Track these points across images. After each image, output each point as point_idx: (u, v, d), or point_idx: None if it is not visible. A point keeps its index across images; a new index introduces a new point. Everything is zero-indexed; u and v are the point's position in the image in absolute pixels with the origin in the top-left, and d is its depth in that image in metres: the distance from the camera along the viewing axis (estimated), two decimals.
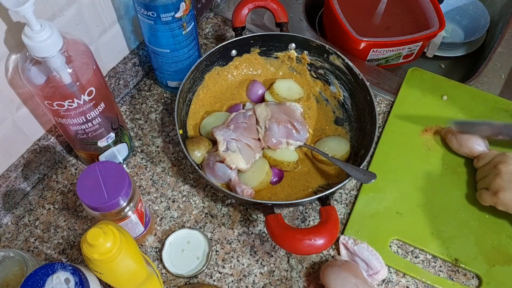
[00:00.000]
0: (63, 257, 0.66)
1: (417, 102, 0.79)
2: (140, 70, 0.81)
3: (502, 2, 1.01)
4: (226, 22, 0.91)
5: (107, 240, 0.44)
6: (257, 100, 0.79)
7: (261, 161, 0.70)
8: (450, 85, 0.81)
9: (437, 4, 0.89)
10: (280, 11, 0.77)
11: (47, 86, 0.53)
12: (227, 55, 0.77)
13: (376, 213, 0.69)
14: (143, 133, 0.77)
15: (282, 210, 0.69)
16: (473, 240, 0.66)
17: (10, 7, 0.46)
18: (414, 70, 0.83)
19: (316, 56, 0.77)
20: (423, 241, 0.66)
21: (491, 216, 0.68)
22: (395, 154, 0.74)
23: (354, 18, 0.88)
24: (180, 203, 0.70)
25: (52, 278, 0.45)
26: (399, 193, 0.70)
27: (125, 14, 0.73)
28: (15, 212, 0.69)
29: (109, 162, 0.53)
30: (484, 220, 0.68)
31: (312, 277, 0.64)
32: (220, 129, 0.69)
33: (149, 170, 0.73)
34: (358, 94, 0.73)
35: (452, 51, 1.01)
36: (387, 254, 0.65)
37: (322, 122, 0.77)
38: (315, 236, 0.55)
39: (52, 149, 0.71)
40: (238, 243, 0.67)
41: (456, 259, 0.65)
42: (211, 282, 0.64)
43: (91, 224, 0.68)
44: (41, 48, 0.49)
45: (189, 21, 0.68)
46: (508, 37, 0.91)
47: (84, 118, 0.58)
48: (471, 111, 0.78)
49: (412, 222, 0.68)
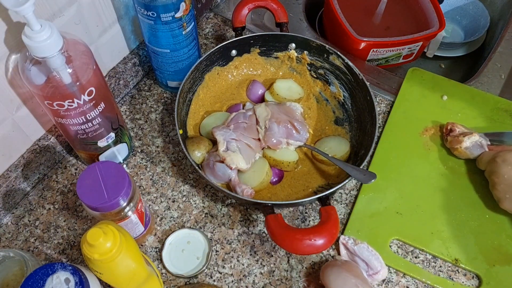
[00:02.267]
0: (63, 257, 0.66)
1: (417, 102, 0.79)
2: (140, 70, 0.81)
3: (502, 2, 1.01)
4: (226, 22, 0.91)
5: (107, 240, 0.44)
6: (257, 100, 0.79)
7: (261, 161, 0.70)
8: (450, 85, 0.81)
9: (437, 4, 0.89)
10: (280, 11, 0.77)
11: (47, 86, 0.53)
12: (227, 55, 0.77)
13: (376, 213, 0.69)
14: (143, 133, 0.77)
15: (282, 210, 0.69)
16: (473, 240, 0.66)
17: (10, 7, 0.46)
18: (414, 70, 0.83)
19: (316, 56, 0.77)
20: (423, 241, 0.66)
21: (491, 216, 0.68)
22: (395, 154, 0.74)
23: (354, 18, 0.88)
24: (180, 203, 0.70)
25: (52, 278, 0.45)
26: (399, 193, 0.70)
27: (125, 14, 0.73)
28: (15, 212, 0.69)
29: (109, 162, 0.53)
30: (484, 220, 0.68)
31: (312, 277, 0.64)
32: (220, 129, 0.69)
33: (149, 170, 0.73)
34: (358, 94, 0.73)
35: (452, 51, 1.01)
36: (387, 254, 0.65)
37: (322, 122, 0.77)
38: (315, 236, 0.55)
39: (52, 149, 0.71)
40: (238, 243, 0.67)
41: (456, 259, 0.65)
42: (211, 282, 0.64)
43: (91, 224, 0.68)
44: (41, 48, 0.49)
45: (189, 21, 0.68)
46: (508, 37, 0.91)
47: (84, 118, 0.58)
48: (471, 111, 0.78)
49: (412, 222, 0.68)
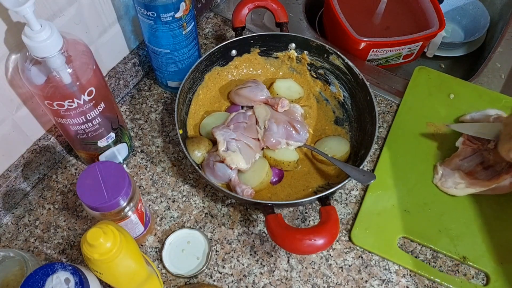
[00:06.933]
0: (63, 257, 0.66)
1: (424, 101, 0.80)
2: (140, 70, 0.81)
3: (502, 2, 1.01)
4: (226, 22, 0.91)
5: (107, 240, 0.44)
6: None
7: (261, 161, 0.70)
8: (457, 83, 0.82)
9: (437, 4, 0.89)
10: (280, 11, 0.77)
11: (47, 86, 0.53)
12: (227, 55, 0.77)
13: (384, 210, 0.69)
14: (143, 133, 0.77)
15: (282, 210, 0.69)
16: (481, 238, 0.66)
17: (10, 7, 0.46)
18: (420, 69, 0.83)
19: (316, 56, 0.77)
20: (431, 239, 0.66)
21: (499, 215, 0.68)
22: (402, 152, 0.74)
23: (354, 18, 0.88)
24: (180, 203, 0.70)
25: (52, 278, 0.45)
26: (407, 191, 0.71)
27: (125, 14, 0.73)
28: (15, 212, 0.69)
29: (109, 162, 0.53)
30: (492, 218, 0.68)
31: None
32: (220, 129, 0.69)
33: (149, 170, 0.73)
34: (358, 94, 0.73)
35: (452, 51, 1.01)
36: (395, 251, 0.65)
37: (322, 122, 0.77)
38: (315, 236, 0.55)
39: (52, 149, 0.71)
40: (238, 243, 0.67)
41: (464, 256, 0.65)
42: (211, 282, 0.64)
43: (91, 224, 0.68)
44: (41, 48, 0.49)
45: (189, 21, 0.68)
46: (508, 37, 0.91)
47: (84, 118, 0.58)
48: (478, 109, 0.78)
49: (420, 219, 0.68)
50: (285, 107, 0.72)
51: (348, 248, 0.66)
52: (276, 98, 0.73)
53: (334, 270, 0.65)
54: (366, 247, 0.66)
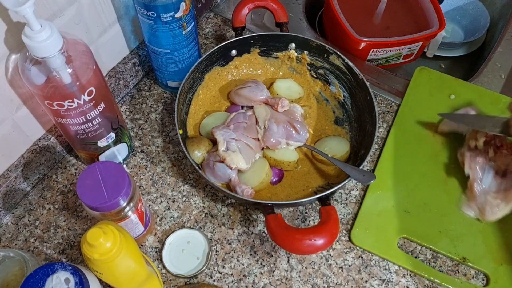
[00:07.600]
0: (63, 257, 0.66)
1: (424, 101, 0.80)
2: (140, 70, 0.81)
3: (502, 2, 1.01)
4: (226, 22, 0.91)
5: (107, 240, 0.44)
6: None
7: (261, 161, 0.70)
8: (457, 84, 0.82)
9: (437, 4, 0.89)
10: (280, 11, 0.77)
11: (47, 86, 0.53)
12: (227, 55, 0.77)
13: (384, 211, 0.69)
14: (143, 133, 0.77)
15: (282, 210, 0.69)
16: (481, 238, 0.66)
17: (10, 7, 0.46)
18: (421, 69, 0.83)
19: (316, 56, 0.77)
20: (431, 240, 0.66)
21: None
22: (403, 153, 0.74)
23: (354, 18, 0.88)
24: (180, 203, 0.70)
25: (52, 278, 0.45)
26: (407, 191, 0.71)
27: (125, 14, 0.73)
28: (15, 212, 0.69)
29: (109, 162, 0.53)
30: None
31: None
32: (220, 129, 0.69)
33: (149, 170, 0.73)
34: (358, 94, 0.73)
35: (452, 51, 1.01)
36: (394, 252, 0.65)
37: (322, 122, 0.77)
38: (315, 236, 0.55)
39: (52, 149, 0.71)
40: (238, 243, 0.67)
41: (464, 257, 0.65)
42: (211, 282, 0.64)
43: (91, 224, 0.68)
44: (41, 48, 0.49)
45: (189, 21, 0.68)
46: (508, 37, 0.91)
47: (84, 118, 0.58)
48: (479, 109, 0.78)
49: (420, 220, 0.68)
50: (285, 107, 0.72)
51: (348, 248, 0.66)
52: (276, 98, 0.73)
53: (334, 270, 0.65)
54: (366, 247, 0.66)
